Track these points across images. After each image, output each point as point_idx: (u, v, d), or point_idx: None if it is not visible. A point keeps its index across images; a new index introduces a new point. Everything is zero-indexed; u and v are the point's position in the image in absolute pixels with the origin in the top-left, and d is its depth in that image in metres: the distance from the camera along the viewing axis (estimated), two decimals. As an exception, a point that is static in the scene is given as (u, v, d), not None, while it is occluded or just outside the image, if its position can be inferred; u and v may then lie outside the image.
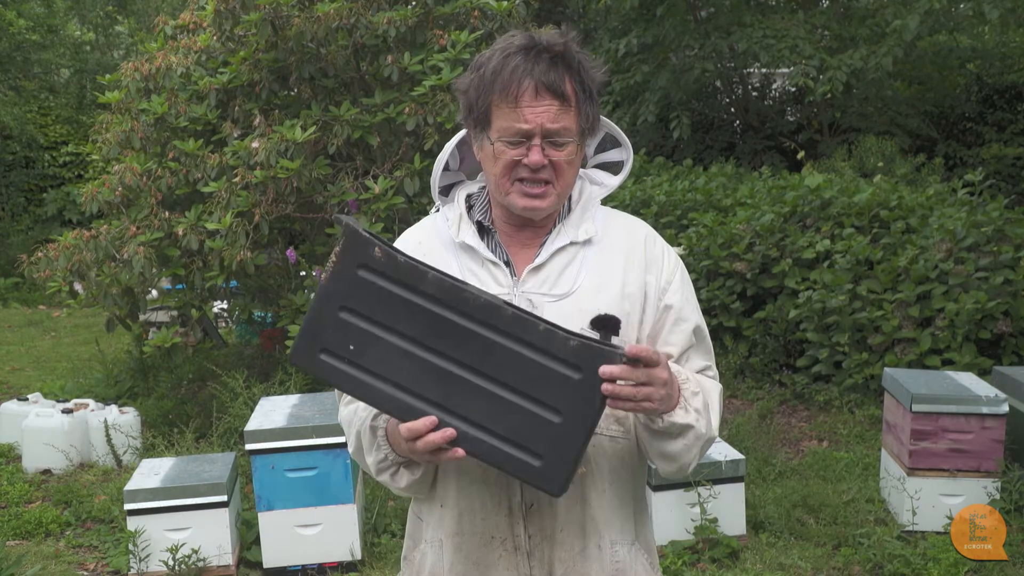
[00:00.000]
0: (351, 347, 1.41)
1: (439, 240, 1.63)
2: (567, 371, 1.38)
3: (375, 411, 1.55)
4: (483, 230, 1.63)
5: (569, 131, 1.53)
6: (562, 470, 1.41)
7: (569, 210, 1.63)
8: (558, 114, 1.51)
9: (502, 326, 1.39)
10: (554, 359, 1.38)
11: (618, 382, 1.36)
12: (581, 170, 1.70)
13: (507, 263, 1.60)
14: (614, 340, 1.42)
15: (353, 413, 1.62)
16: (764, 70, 11.72)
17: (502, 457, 1.42)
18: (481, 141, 1.58)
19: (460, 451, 1.40)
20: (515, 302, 1.53)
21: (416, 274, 1.40)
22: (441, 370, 1.40)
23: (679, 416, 1.47)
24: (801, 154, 8.36)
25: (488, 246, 1.60)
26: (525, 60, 1.51)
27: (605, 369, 1.36)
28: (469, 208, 1.65)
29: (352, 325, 1.41)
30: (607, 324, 1.47)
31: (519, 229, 1.62)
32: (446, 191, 1.71)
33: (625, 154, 1.70)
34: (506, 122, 1.52)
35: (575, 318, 1.51)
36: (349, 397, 1.65)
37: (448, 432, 1.39)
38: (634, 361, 1.37)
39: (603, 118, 1.70)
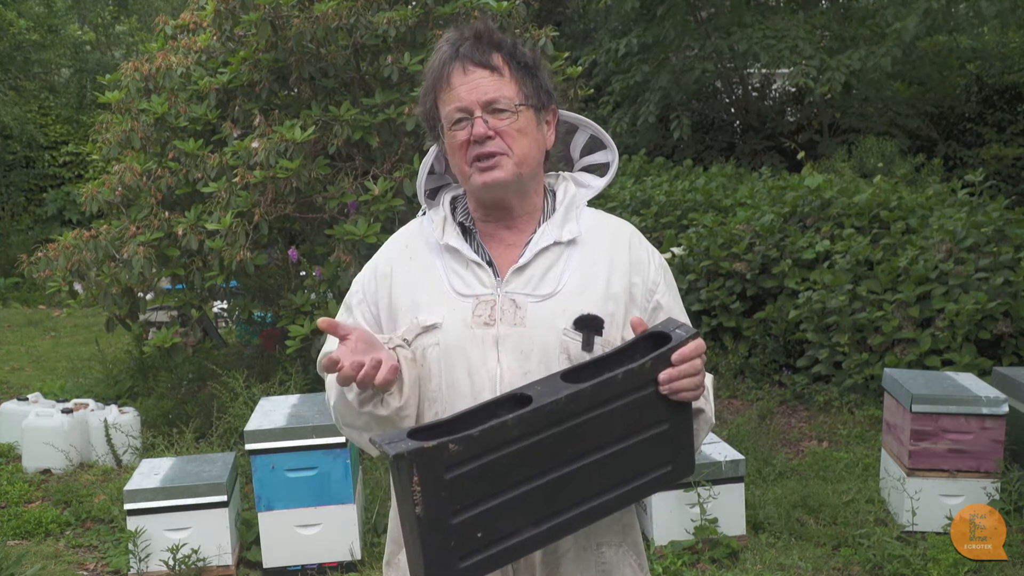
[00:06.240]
0: (479, 535, 1.34)
1: (424, 242, 1.65)
2: (653, 387, 1.40)
3: None
4: (466, 232, 1.64)
5: (507, 99, 1.55)
6: (689, 455, 1.47)
7: (553, 210, 1.64)
8: (491, 84, 1.55)
9: (591, 403, 1.37)
10: (640, 389, 1.40)
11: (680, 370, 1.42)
12: (566, 173, 1.72)
13: (490, 263, 1.60)
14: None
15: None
16: (764, 70, 11.73)
17: (643, 490, 1.45)
18: (443, 145, 1.62)
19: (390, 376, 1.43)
20: (499, 303, 1.55)
21: (499, 432, 1.33)
22: (557, 479, 1.37)
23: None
24: (801, 154, 8.36)
25: (471, 247, 1.61)
26: (450, 47, 1.58)
27: (678, 355, 1.41)
28: (454, 210, 1.67)
29: (468, 519, 1.33)
30: (591, 324, 1.50)
31: (500, 228, 1.63)
32: (433, 195, 1.73)
33: (610, 156, 1.72)
34: (447, 107, 1.57)
35: (559, 318, 1.53)
36: None
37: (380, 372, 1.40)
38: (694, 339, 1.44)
39: (586, 119, 1.73)
